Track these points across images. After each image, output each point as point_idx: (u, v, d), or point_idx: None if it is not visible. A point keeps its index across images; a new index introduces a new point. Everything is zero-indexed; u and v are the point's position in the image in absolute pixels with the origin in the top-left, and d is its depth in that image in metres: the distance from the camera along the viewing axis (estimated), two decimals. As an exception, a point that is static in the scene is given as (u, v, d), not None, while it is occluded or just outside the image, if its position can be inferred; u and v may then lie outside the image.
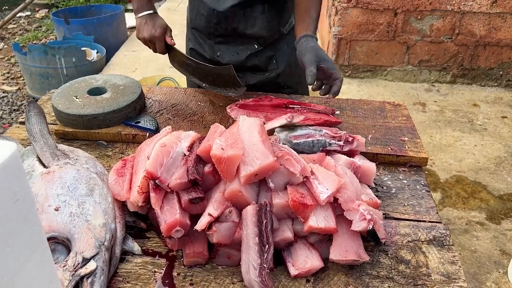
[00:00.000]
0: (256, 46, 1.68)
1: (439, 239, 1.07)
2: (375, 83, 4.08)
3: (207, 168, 1.01)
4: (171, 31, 1.60)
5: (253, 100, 1.51)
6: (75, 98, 1.49)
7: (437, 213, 1.16)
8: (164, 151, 1.02)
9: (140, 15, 1.57)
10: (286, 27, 1.73)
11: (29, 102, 1.34)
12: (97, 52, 4.39)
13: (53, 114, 1.49)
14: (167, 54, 1.63)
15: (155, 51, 1.61)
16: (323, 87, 1.38)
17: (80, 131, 1.42)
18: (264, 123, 1.22)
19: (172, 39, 1.58)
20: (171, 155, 1.02)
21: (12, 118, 4.01)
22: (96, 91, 1.54)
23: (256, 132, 1.02)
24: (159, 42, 1.56)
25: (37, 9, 6.97)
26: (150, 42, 1.57)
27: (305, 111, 1.46)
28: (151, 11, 1.57)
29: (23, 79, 4.60)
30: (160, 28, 1.55)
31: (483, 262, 2.22)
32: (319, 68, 1.32)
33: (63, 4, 6.79)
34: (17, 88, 4.56)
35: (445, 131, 3.35)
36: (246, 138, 1.01)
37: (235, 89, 1.48)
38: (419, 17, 3.77)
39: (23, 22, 6.51)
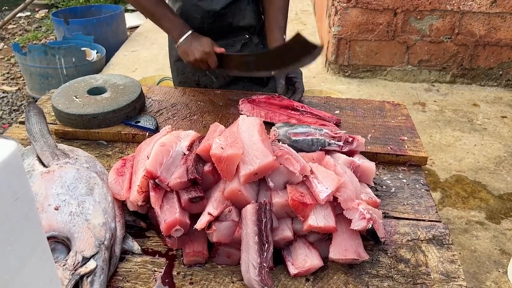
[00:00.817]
0: (248, 36, 1.74)
1: (439, 238, 1.07)
2: (375, 83, 4.08)
3: (207, 167, 1.01)
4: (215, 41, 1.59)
5: (265, 98, 1.53)
6: (75, 97, 1.49)
7: (437, 212, 1.16)
8: (164, 150, 1.02)
9: (182, 39, 1.55)
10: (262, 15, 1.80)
11: (29, 102, 1.34)
12: (97, 52, 4.39)
13: (53, 114, 1.49)
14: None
15: (208, 68, 1.58)
16: (288, 92, 1.60)
17: (80, 131, 1.42)
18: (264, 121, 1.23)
19: (219, 47, 1.56)
20: (171, 155, 1.02)
21: (12, 118, 4.02)
22: (96, 91, 1.55)
23: (256, 132, 1.03)
24: (212, 57, 1.54)
25: (37, 9, 6.97)
26: (202, 62, 1.55)
27: (308, 115, 1.46)
28: (191, 31, 1.56)
29: (23, 79, 4.60)
30: (208, 44, 1.53)
31: (483, 262, 2.22)
32: (287, 77, 1.50)
33: (63, 4, 6.79)
34: (17, 88, 4.56)
35: (445, 131, 3.35)
36: (246, 137, 1.01)
37: (310, 55, 1.36)
38: (418, 17, 3.77)
39: (23, 22, 6.51)
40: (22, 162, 0.55)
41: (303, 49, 1.34)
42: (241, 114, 1.52)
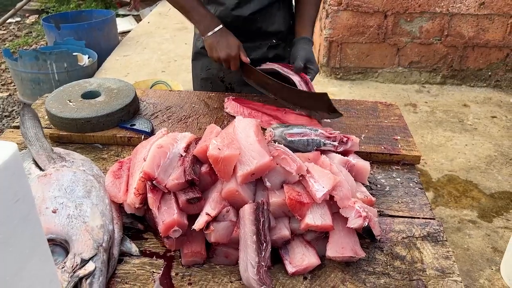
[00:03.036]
0: (275, 41, 1.76)
1: (433, 235, 1.08)
2: (366, 84, 4.11)
3: (204, 168, 1.02)
4: (242, 46, 1.59)
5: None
6: (68, 101, 1.49)
7: (431, 209, 1.18)
8: (160, 152, 1.02)
9: (210, 33, 1.55)
10: (292, 19, 1.82)
11: (23, 106, 1.34)
12: (88, 57, 4.38)
13: (47, 118, 1.49)
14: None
15: (228, 68, 1.59)
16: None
17: (75, 134, 1.42)
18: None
19: (246, 56, 1.57)
20: (168, 156, 1.02)
21: (4, 124, 3.99)
22: (90, 95, 1.55)
23: (252, 132, 1.04)
24: (235, 61, 1.55)
25: (27, 15, 6.94)
26: (224, 62, 1.56)
27: (290, 113, 1.50)
28: (221, 26, 1.55)
29: (14, 85, 4.57)
30: (236, 47, 1.54)
31: (476, 260, 2.25)
32: (305, 66, 1.53)
33: (53, 10, 6.77)
34: (8, 94, 4.53)
35: (436, 131, 3.39)
36: (242, 138, 1.02)
37: (328, 113, 1.44)
38: (408, 19, 3.82)
39: (13, 28, 6.48)
40: (22, 164, 0.55)
41: (323, 107, 1.43)
42: (225, 111, 1.56)
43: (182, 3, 1.58)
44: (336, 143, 1.21)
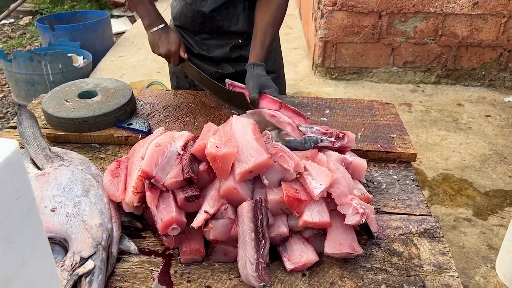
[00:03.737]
0: (241, 41, 1.75)
1: (430, 231, 1.09)
2: (361, 84, 4.13)
3: (202, 167, 1.02)
4: (183, 44, 1.64)
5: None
6: (65, 101, 1.49)
7: (427, 206, 1.19)
8: (158, 150, 1.03)
9: (152, 30, 1.60)
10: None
11: (20, 106, 1.34)
12: (83, 58, 4.36)
13: (44, 118, 1.48)
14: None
15: (169, 63, 1.66)
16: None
17: (72, 134, 1.42)
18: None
19: (186, 53, 1.63)
20: (166, 155, 1.03)
21: (-2, 126, 3.97)
22: (86, 95, 1.55)
23: (250, 130, 1.04)
24: (175, 57, 1.61)
25: (21, 16, 6.90)
26: (165, 57, 1.62)
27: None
28: (163, 25, 1.61)
29: (8, 87, 4.55)
30: (175, 44, 1.59)
31: (471, 257, 2.26)
32: (262, 93, 1.44)
33: (47, 11, 6.75)
34: (2, 95, 4.50)
35: (431, 131, 3.41)
36: (240, 136, 1.03)
37: (243, 111, 1.44)
38: (403, 19, 3.84)
39: (7, 29, 6.44)
40: (23, 161, 0.56)
41: (242, 105, 1.47)
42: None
43: None
44: (332, 139, 1.21)
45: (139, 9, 1.62)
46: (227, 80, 1.58)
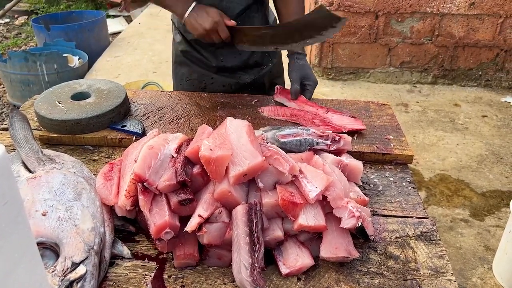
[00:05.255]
0: None
1: (427, 234, 1.08)
2: (358, 85, 4.13)
3: (196, 170, 1.01)
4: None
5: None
6: (58, 103, 1.47)
7: (424, 209, 1.18)
8: (151, 153, 1.01)
9: (187, 13, 1.51)
10: (270, 19, 1.79)
11: (12, 108, 1.32)
12: (79, 58, 4.34)
13: (36, 119, 1.47)
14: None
15: (218, 39, 1.54)
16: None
17: (65, 136, 1.40)
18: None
19: (230, 20, 1.52)
20: (159, 157, 1.01)
21: (-7, 127, 3.94)
22: (79, 96, 1.53)
23: (244, 133, 1.03)
24: (222, 26, 1.50)
25: (16, 16, 6.87)
26: (212, 33, 1.51)
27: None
28: (194, 3, 1.51)
29: (3, 87, 4.52)
30: (216, 13, 1.50)
31: (468, 258, 2.26)
32: (302, 85, 1.52)
33: (43, 11, 6.71)
34: (-4, 96, 4.48)
35: (427, 131, 3.40)
36: (235, 138, 1.02)
37: (333, 27, 1.35)
38: (399, 19, 3.83)
39: (2, 29, 6.41)
40: (10, 165, 0.54)
41: (325, 22, 1.33)
42: (262, 115, 1.56)
43: None
44: (328, 142, 1.20)
45: (166, 1, 1.54)
46: (276, 86, 1.62)
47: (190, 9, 1.50)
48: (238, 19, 1.62)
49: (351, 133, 1.42)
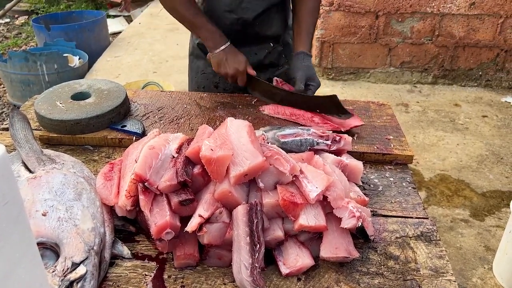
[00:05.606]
0: (272, 44, 1.74)
1: (427, 234, 1.08)
2: (358, 85, 4.13)
3: (197, 170, 1.01)
4: (248, 61, 1.62)
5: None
6: (58, 103, 1.47)
7: (424, 209, 1.18)
8: (152, 153, 1.01)
9: (217, 51, 1.57)
10: (289, 21, 1.80)
11: (13, 108, 1.32)
12: (79, 58, 4.34)
13: (36, 119, 1.47)
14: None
15: (234, 82, 1.63)
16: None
17: (65, 136, 1.40)
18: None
19: (253, 69, 1.61)
20: (160, 157, 1.01)
21: (-7, 126, 3.94)
22: (80, 96, 1.53)
23: (245, 133, 1.03)
24: (243, 76, 1.59)
25: (16, 16, 6.87)
26: (232, 77, 1.60)
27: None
28: (228, 43, 1.58)
29: (3, 87, 4.52)
30: (243, 62, 1.58)
31: (469, 259, 2.26)
32: (306, 85, 1.53)
33: (43, 11, 6.72)
34: (-3, 96, 4.48)
35: (428, 131, 3.40)
36: (235, 138, 1.01)
37: (338, 115, 1.47)
38: (400, 19, 3.83)
39: (2, 29, 6.41)
40: (10, 166, 0.54)
41: (333, 109, 1.47)
42: (263, 113, 1.57)
43: (191, 20, 1.59)
44: (329, 142, 1.20)
45: (201, 32, 1.59)
46: (275, 78, 1.62)
47: (222, 47, 1.57)
48: (257, 20, 1.64)
49: (351, 133, 1.43)
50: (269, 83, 1.61)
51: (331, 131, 1.27)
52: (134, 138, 1.39)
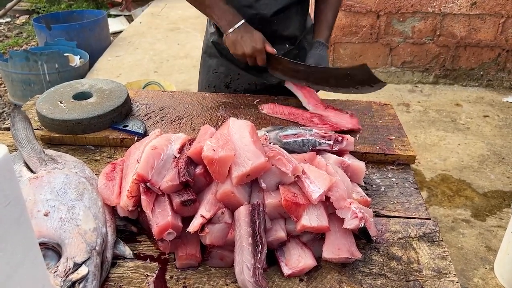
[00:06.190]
0: (288, 46, 1.71)
1: (429, 235, 1.08)
2: (359, 84, 4.12)
3: (199, 170, 1.00)
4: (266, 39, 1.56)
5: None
6: (59, 103, 1.47)
7: (426, 209, 1.17)
8: (154, 153, 1.01)
9: (232, 29, 1.50)
10: (307, 24, 1.78)
11: (14, 108, 1.32)
12: (80, 58, 4.34)
13: (38, 119, 1.46)
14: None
15: (254, 64, 1.55)
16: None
17: (67, 136, 1.40)
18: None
19: (272, 47, 1.53)
20: (162, 158, 1.01)
21: (-6, 126, 3.94)
22: (81, 96, 1.53)
23: (247, 133, 1.02)
24: (262, 55, 1.51)
25: (17, 15, 6.87)
26: (249, 57, 1.52)
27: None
28: (243, 21, 1.50)
29: (4, 86, 4.52)
30: (261, 40, 1.50)
31: (470, 259, 2.25)
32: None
33: (44, 10, 6.72)
34: (-2, 95, 4.48)
35: (429, 131, 3.40)
36: (237, 139, 1.01)
37: (370, 85, 1.40)
38: (401, 19, 3.83)
39: (3, 29, 6.41)
40: (13, 166, 0.54)
41: (365, 79, 1.39)
42: (262, 112, 1.56)
43: (202, 0, 1.53)
44: (331, 142, 1.20)
45: (214, 11, 1.52)
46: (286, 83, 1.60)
47: (236, 26, 1.49)
48: (275, 17, 1.61)
49: (354, 133, 1.42)
50: (290, 60, 1.52)
51: (333, 132, 1.26)
52: (135, 138, 1.39)
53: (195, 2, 1.56)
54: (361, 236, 1.00)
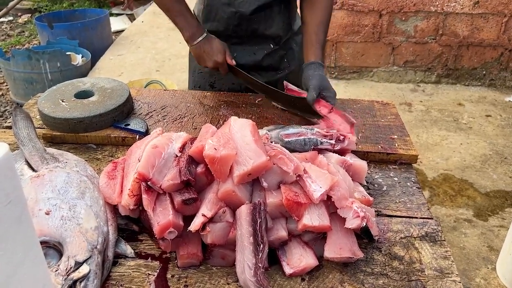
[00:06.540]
0: (272, 46, 1.71)
1: (431, 235, 1.08)
2: (361, 84, 4.11)
3: (200, 169, 1.00)
4: (228, 48, 1.60)
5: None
6: (61, 101, 1.47)
7: (428, 209, 1.17)
8: (155, 152, 1.01)
9: (195, 43, 1.56)
10: (295, 25, 1.76)
11: (15, 107, 1.32)
12: (82, 57, 4.34)
13: (40, 118, 1.46)
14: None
15: (219, 72, 1.63)
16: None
17: (68, 135, 1.40)
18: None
19: (232, 59, 1.59)
20: (163, 156, 1.01)
21: (-4, 124, 3.94)
22: (83, 94, 1.53)
23: (248, 132, 1.02)
24: (223, 66, 1.59)
25: (19, 14, 6.88)
26: (213, 69, 1.61)
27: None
28: (205, 34, 1.56)
29: (6, 85, 4.53)
30: (220, 53, 1.56)
31: (472, 259, 2.25)
32: (320, 95, 1.42)
33: (46, 9, 6.72)
34: (0, 94, 4.48)
35: (431, 130, 3.39)
36: (239, 138, 1.01)
37: (312, 114, 1.45)
38: (403, 18, 3.82)
39: (5, 28, 6.42)
40: (14, 165, 0.54)
41: (306, 109, 1.45)
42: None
43: (169, 6, 1.55)
44: (333, 142, 1.20)
45: (178, 20, 1.55)
46: (285, 82, 1.59)
47: (198, 39, 1.55)
48: (255, 16, 1.60)
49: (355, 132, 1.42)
50: (249, 75, 1.59)
51: (335, 131, 1.26)
52: (137, 136, 1.39)
53: (162, 7, 1.57)
54: (363, 235, 1.00)
